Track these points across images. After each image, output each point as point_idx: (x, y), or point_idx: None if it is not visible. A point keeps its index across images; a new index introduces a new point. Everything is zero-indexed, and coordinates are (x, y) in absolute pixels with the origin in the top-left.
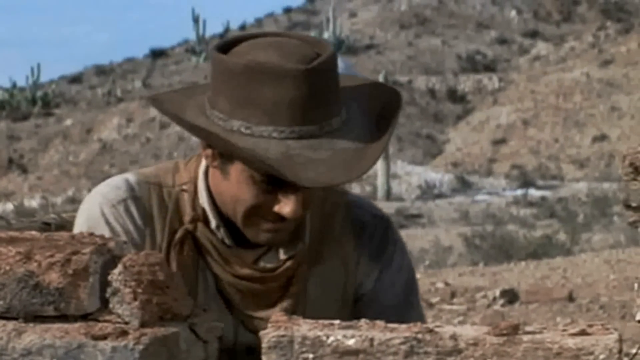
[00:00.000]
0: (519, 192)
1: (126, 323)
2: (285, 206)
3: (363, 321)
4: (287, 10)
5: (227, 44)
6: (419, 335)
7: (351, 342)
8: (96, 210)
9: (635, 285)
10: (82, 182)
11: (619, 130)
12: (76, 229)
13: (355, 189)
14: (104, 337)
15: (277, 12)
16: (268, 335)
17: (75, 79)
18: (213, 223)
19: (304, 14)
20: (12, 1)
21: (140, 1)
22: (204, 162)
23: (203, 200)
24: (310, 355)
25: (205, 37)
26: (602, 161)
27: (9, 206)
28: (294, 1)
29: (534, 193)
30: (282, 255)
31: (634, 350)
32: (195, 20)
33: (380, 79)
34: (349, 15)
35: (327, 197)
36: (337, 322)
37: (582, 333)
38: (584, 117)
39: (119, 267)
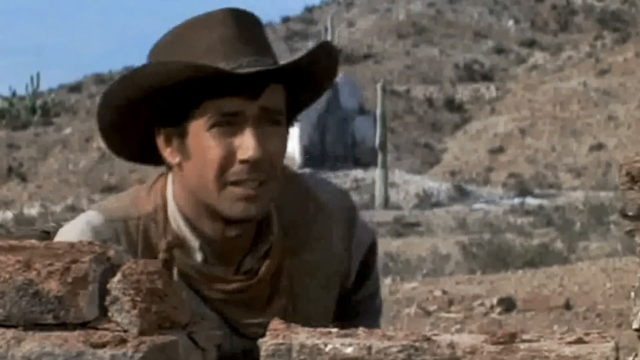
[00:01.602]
0: (516, 200)
1: (125, 331)
2: (247, 150)
3: (361, 329)
4: (285, 20)
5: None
6: (417, 344)
7: (349, 350)
8: None
9: (632, 293)
10: (82, 190)
11: (615, 140)
12: None
13: (353, 197)
14: (103, 345)
15: (275, 22)
16: (266, 344)
17: (75, 88)
18: (196, 243)
19: (302, 23)
20: (11, 10)
21: (139, 10)
22: (169, 187)
23: (179, 224)
24: None
25: None
26: (599, 170)
27: (9, 215)
28: (292, 10)
29: (531, 202)
30: (259, 254)
31: (630, 359)
32: None
33: (378, 88)
34: (347, 25)
35: (286, 185)
36: (334, 330)
37: (579, 341)
38: (581, 126)
39: (118, 276)
